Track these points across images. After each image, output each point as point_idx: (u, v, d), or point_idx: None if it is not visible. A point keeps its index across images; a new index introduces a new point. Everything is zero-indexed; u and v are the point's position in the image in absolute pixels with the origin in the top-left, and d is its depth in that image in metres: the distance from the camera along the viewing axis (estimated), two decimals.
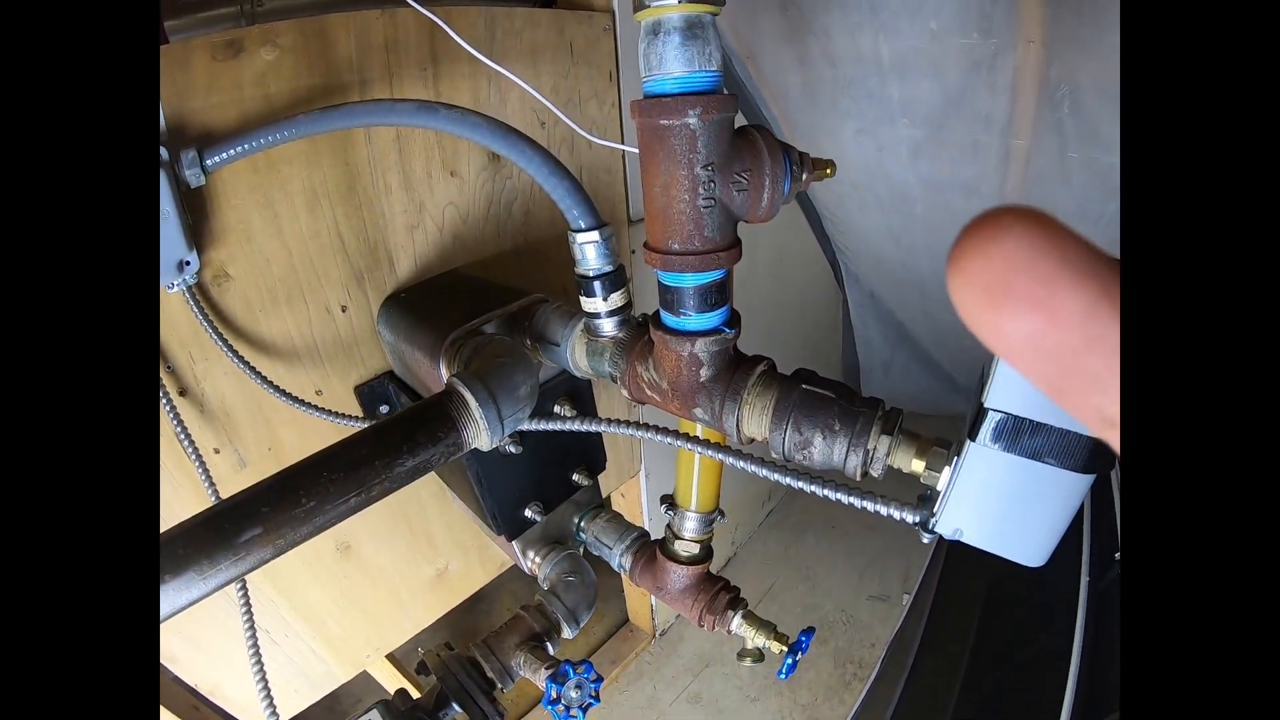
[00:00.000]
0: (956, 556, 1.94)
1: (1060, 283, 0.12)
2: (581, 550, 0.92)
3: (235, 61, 0.73)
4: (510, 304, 0.72)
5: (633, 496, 1.61)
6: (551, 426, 0.62)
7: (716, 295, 0.51)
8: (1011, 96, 1.26)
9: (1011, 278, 0.12)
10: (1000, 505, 0.53)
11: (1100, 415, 0.13)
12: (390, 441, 0.53)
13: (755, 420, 0.52)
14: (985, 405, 0.49)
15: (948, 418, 2.25)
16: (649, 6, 0.44)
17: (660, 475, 1.58)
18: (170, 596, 0.47)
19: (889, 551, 2.10)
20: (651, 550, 0.84)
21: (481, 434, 0.56)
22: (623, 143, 1.08)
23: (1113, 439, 0.13)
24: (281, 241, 0.81)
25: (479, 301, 0.75)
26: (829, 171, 0.54)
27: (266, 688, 0.66)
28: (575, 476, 0.84)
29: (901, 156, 1.42)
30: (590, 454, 0.85)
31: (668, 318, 0.52)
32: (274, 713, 0.65)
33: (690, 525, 0.78)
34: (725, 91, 0.47)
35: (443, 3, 0.86)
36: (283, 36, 0.75)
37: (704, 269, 0.48)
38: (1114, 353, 0.12)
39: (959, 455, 0.52)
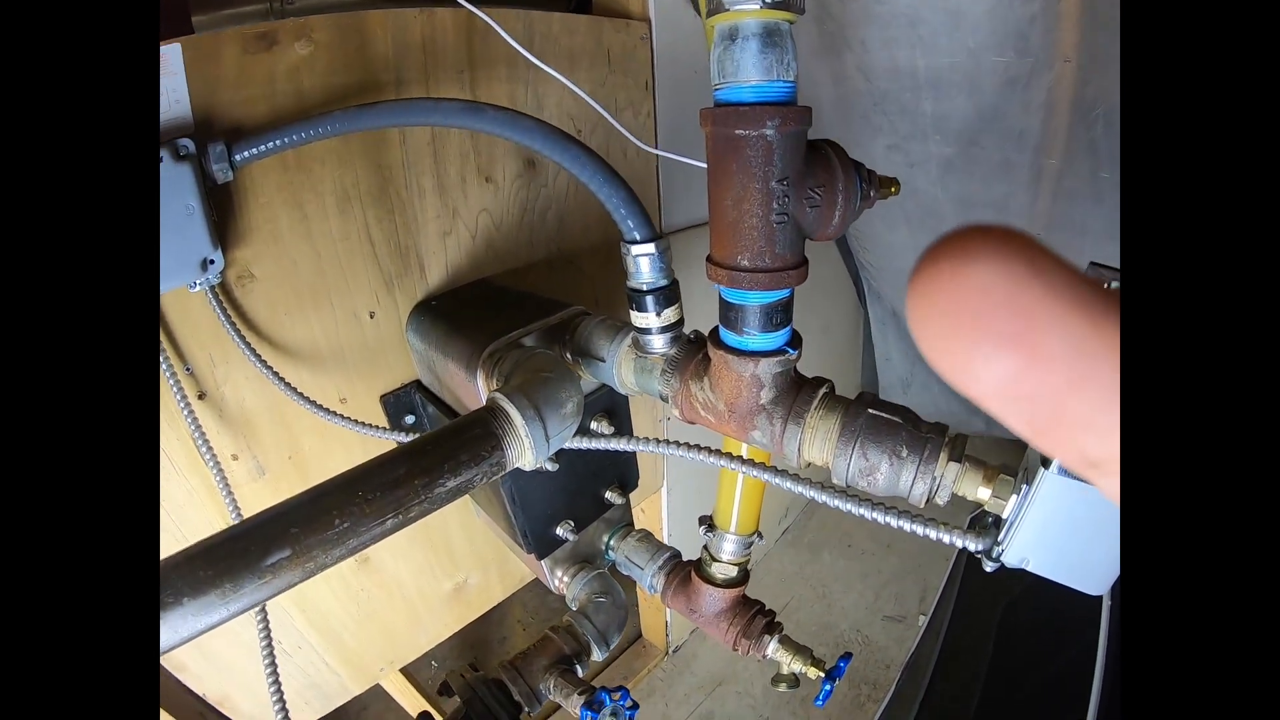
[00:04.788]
0: (973, 577, 1.91)
1: (1042, 316, 0.10)
2: (609, 568, 0.89)
3: (267, 55, 0.71)
4: (550, 315, 0.70)
5: (653, 513, 1.58)
6: (597, 445, 0.60)
7: (782, 315, 0.48)
8: (1045, 115, 1.24)
9: (985, 310, 0.11)
10: (1069, 535, 0.52)
11: (1082, 457, 0.11)
12: (430, 460, 0.50)
13: (818, 445, 0.50)
14: None
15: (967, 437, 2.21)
16: (727, 10, 0.41)
17: (682, 491, 1.55)
18: (189, 620, 0.44)
19: (906, 571, 2.06)
20: (686, 571, 0.81)
21: (526, 453, 0.53)
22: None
23: (1094, 479, 0.12)
24: (310, 243, 0.79)
25: (516, 312, 0.73)
26: (894, 190, 0.52)
27: (282, 702, 0.64)
28: (608, 494, 0.81)
29: (932, 173, 1.40)
30: (624, 471, 0.83)
31: (729, 336, 0.50)
32: None
33: (729, 547, 0.76)
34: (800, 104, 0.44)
35: (480, 4, 0.84)
36: (317, 31, 0.73)
37: (773, 287, 0.46)
38: (1103, 391, 0.10)
39: (1029, 484, 0.50)
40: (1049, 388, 0.11)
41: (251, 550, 0.47)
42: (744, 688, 1.81)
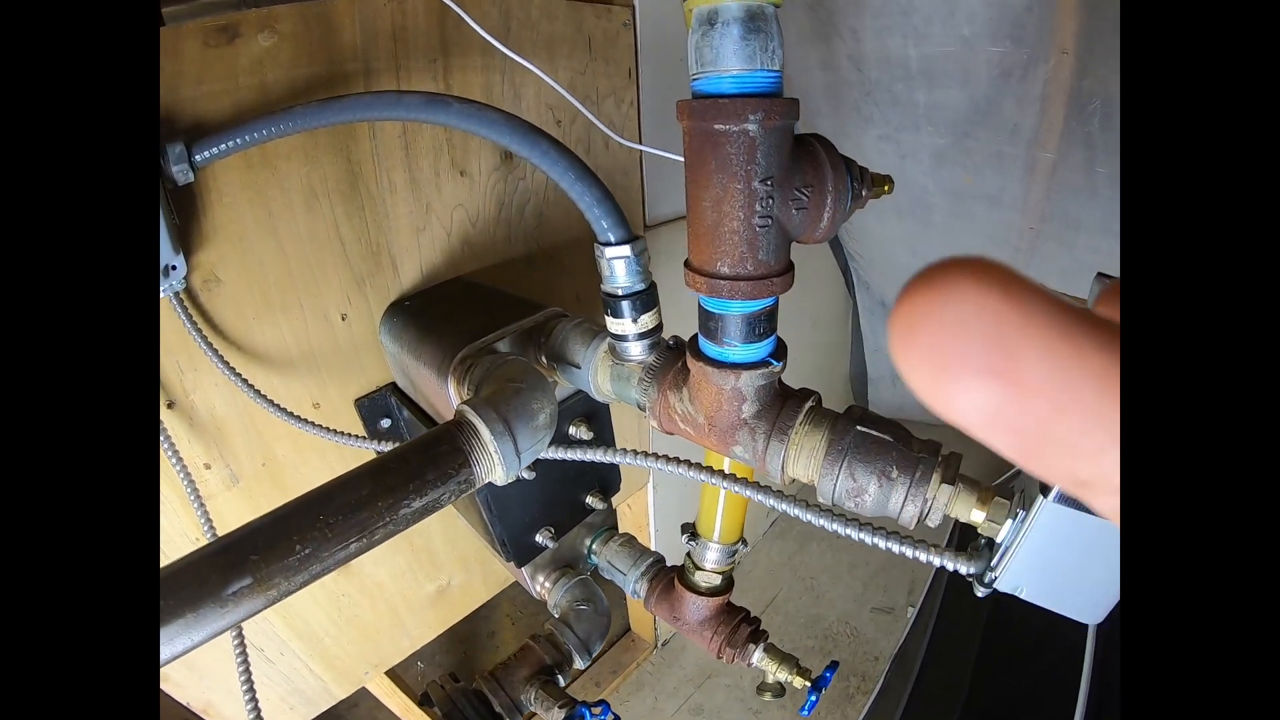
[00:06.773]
0: None
1: (1024, 347, 0.10)
2: (591, 573, 0.87)
3: (230, 48, 0.67)
4: (524, 318, 0.67)
5: (639, 509, 1.56)
6: (572, 456, 0.57)
7: (765, 325, 0.46)
8: (1041, 108, 1.21)
9: (965, 344, 0.11)
10: (1065, 563, 0.50)
11: (1073, 479, 0.11)
12: (395, 480, 0.48)
13: (803, 463, 0.47)
14: None
15: (956, 429, 2.21)
16: None
17: (668, 488, 1.53)
18: None
19: (894, 563, 2.06)
20: (669, 578, 0.79)
21: (496, 469, 0.50)
22: (640, 143, 1.03)
23: (1087, 498, 0.12)
24: (277, 243, 0.76)
25: (490, 313, 0.70)
26: (887, 189, 0.50)
27: (257, 711, 0.62)
28: (589, 499, 0.79)
29: (923, 164, 1.38)
30: (604, 476, 0.80)
31: (709, 347, 0.47)
32: None
33: (712, 556, 0.74)
34: (786, 95, 0.41)
35: None
36: (282, 22, 0.70)
37: (755, 296, 0.43)
38: (1087, 415, 0.10)
39: (1025, 510, 0.48)
40: (1033, 416, 0.11)
41: (212, 579, 0.45)
42: (733, 680, 1.81)
